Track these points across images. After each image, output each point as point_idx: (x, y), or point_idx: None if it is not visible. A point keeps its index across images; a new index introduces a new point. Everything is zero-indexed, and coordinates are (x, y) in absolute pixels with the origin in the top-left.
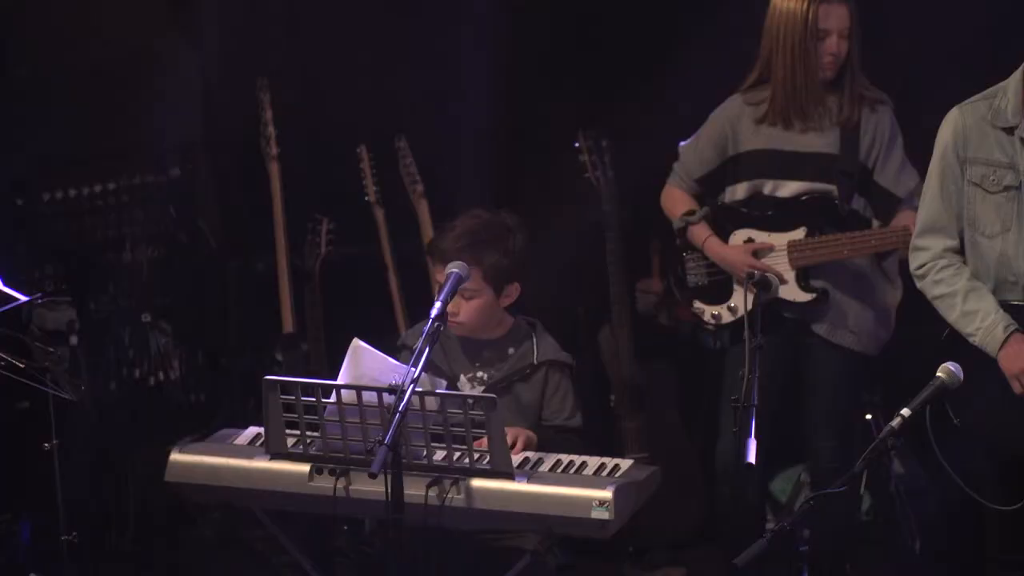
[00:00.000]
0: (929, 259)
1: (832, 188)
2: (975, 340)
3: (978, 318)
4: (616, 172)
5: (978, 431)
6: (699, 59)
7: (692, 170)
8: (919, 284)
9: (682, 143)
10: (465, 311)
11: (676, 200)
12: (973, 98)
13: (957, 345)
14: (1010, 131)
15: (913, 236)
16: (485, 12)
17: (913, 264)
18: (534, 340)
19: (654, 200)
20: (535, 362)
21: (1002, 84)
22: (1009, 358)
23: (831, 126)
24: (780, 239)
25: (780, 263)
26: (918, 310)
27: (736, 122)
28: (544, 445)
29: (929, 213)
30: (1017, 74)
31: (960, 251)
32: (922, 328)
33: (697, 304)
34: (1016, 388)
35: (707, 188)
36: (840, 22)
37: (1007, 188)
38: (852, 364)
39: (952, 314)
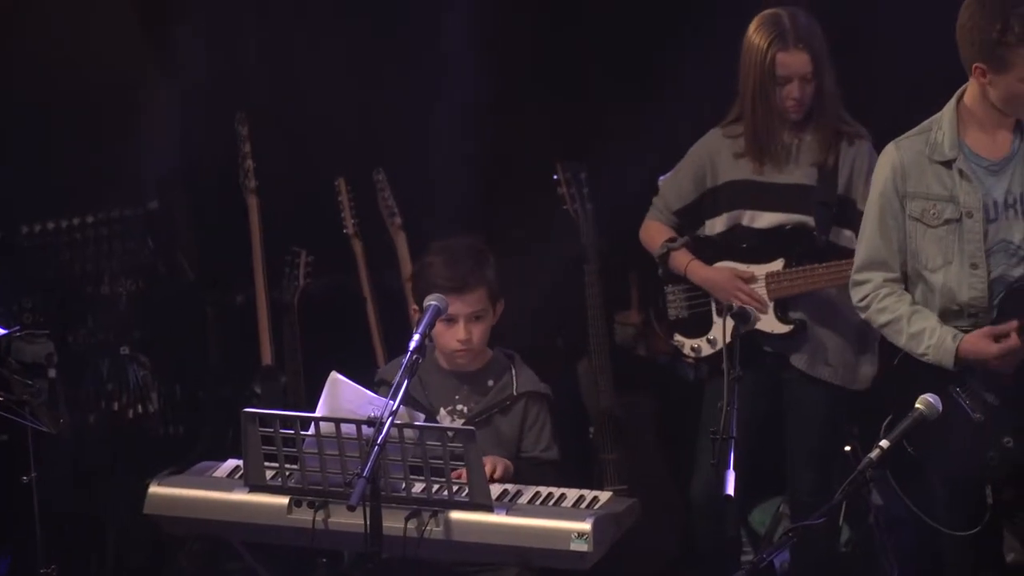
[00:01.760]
0: (871, 291)
1: (809, 219)
2: (928, 358)
3: (926, 335)
4: (595, 204)
5: (932, 459)
6: (679, 91)
7: (671, 202)
8: (863, 315)
9: (662, 177)
10: (476, 334)
11: (654, 232)
12: (908, 133)
13: (908, 372)
14: (948, 164)
15: (853, 271)
16: (463, 45)
17: (855, 297)
18: (513, 372)
19: (633, 232)
20: (515, 393)
21: (936, 117)
22: (975, 354)
23: (805, 163)
24: (759, 271)
25: (759, 295)
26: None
27: (715, 155)
28: (519, 477)
29: (869, 249)
30: (951, 104)
31: (901, 281)
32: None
33: (677, 337)
34: (1008, 366)
35: (686, 222)
36: (800, 68)
37: (948, 221)
38: (831, 398)
39: (901, 338)
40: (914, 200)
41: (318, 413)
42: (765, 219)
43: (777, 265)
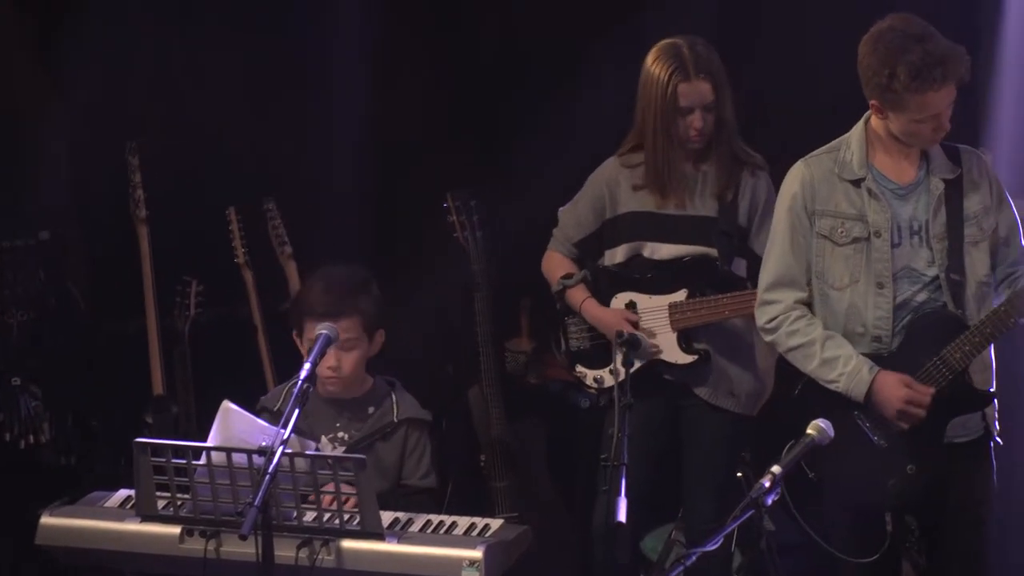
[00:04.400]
0: (780, 312)
1: (711, 250)
2: (838, 386)
3: (840, 363)
4: (485, 232)
5: (831, 484)
6: (571, 119)
7: (571, 234)
8: (769, 338)
9: (561, 208)
10: (347, 363)
11: (555, 265)
12: (817, 151)
13: (809, 400)
14: (857, 183)
15: (761, 291)
16: (355, 74)
17: (763, 319)
18: (394, 398)
19: (523, 259)
20: (395, 420)
21: (844, 137)
22: (884, 399)
23: (706, 194)
24: (661, 301)
25: (661, 325)
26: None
27: (614, 185)
28: (395, 507)
29: (779, 267)
30: (859, 125)
31: (810, 303)
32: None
33: (579, 368)
34: (903, 426)
35: (586, 252)
36: (702, 98)
37: (856, 240)
38: (733, 427)
39: (811, 364)
40: (823, 217)
41: (210, 442)
42: (665, 251)
43: (680, 295)
